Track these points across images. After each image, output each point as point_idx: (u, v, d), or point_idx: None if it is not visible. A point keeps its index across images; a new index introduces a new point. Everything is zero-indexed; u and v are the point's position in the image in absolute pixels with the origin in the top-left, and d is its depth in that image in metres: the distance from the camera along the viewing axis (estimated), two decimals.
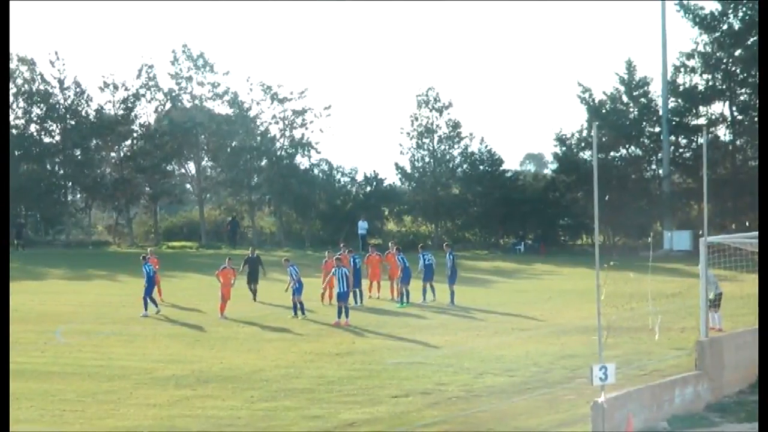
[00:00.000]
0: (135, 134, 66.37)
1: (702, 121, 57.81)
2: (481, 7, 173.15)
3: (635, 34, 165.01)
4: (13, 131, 62.99)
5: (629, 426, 15.71)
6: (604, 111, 58.78)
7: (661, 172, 58.36)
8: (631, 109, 59.16)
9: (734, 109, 57.07)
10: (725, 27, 56.46)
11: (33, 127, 65.64)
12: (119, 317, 32.54)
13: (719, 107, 57.86)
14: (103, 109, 65.42)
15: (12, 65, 63.64)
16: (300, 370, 23.06)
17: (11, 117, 63.52)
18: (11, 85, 63.76)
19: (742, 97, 56.64)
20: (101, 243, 65.05)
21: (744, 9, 55.53)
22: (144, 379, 22.17)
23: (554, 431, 17.39)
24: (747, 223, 50.39)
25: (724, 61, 56.81)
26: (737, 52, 55.84)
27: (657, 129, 58.35)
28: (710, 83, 57.28)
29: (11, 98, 63.78)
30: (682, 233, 54.88)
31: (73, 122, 64.82)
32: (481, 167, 62.04)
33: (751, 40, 53.53)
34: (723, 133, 58.42)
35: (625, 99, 59.28)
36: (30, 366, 23.74)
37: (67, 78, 64.58)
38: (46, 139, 66.07)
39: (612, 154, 59.17)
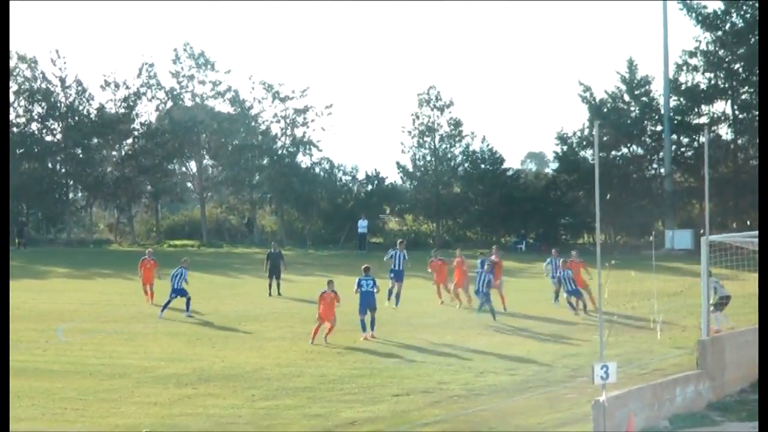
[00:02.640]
0: (136, 133, 66.40)
1: (704, 119, 57.77)
2: (482, 6, 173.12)
3: (637, 32, 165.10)
4: (15, 129, 63.04)
5: (630, 425, 15.70)
6: (605, 110, 58.75)
7: (662, 170, 58.31)
8: (633, 108, 59.12)
9: (736, 107, 57.02)
10: (728, 26, 56.41)
11: (34, 126, 65.72)
12: (120, 316, 32.54)
13: (721, 106, 57.89)
14: (105, 107, 65.50)
15: (12, 63, 63.63)
16: (301, 368, 23.05)
17: (12, 115, 63.58)
18: (12, 84, 63.78)
19: (744, 96, 56.57)
20: (103, 241, 65.08)
21: (746, 7, 55.48)
22: (145, 378, 22.17)
23: (555, 430, 17.38)
24: (748, 222, 50.38)
25: (727, 59, 56.75)
26: (740, 51, 55.77)
27: (659, 128, 58.30)
28: (712, 82, 57.21)
29: (12, 96, 63.80)
30: (683, 232, 54.84)
31: (74, 121, 64.84)
32: (483, 166, 62.03)
33: (754, 38, 53.46)
34: (725, 131, 58.43)
35: (626, 98, 59.25)
36: (31, 364, 23.75)
37: (68, 76, 64.73)
38: (48, 138, 66.13)
39: (613, 152, 59.10)
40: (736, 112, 57.09)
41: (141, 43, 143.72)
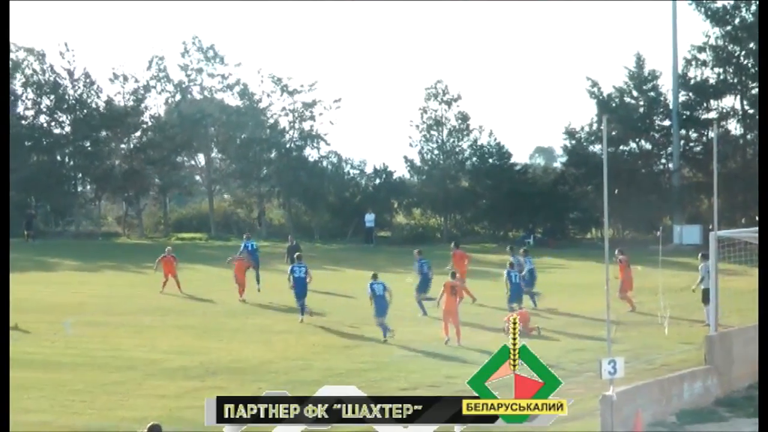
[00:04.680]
0: (145, 126, 66.37)
1: (713, 114, 57.62)
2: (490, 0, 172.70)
3: (645, 28, 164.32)
4: (23, 122, 63.12)
5: (638, 424, 15.66)
6: (613, 105, 58.64)
7: (671, 165, 58.19)
8: (641, 103, 59.00)
9: (745, 102, 56.85)
10: (737, 20, 56.23)
11: (43, 118, 65.64)
12: (128, 308, 32.58)
13: (730, 101, 57.68)
14: (113, 100, 65.42)
15: (20, 56, 63.70)
16: (308, 362, 23.08)
17: (20, 108, 63.67)
18: (20, 76, 63.83)
19: (753, 91, 56.30)
20: (111, 234, 65.14)
21: (756, 2, 55.30)
22: (152, 370, 22.22)
23: (562, 425, 17.35)
24: (757, 218, 50.21)
25: (736, 54, 56.58)
26: (749, 46, 55.61)
27: (667, 123, 58.18)
28: (721, 77, 57.02)
29: (20, 89, 63.90)
30: (691, 227, 54.72)
31: (82, 113, 64.85)
32: (490, 160, 61.96)
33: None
34: (734, 126, 58.27)
35: (634, 93, 59.12)
36: (39, 356, 23.82)
37: (76, 69, 64.66)
38: (56, 130, 66.06)
39: (621, 147, 58.98)
40: (745, 107, 56.90)
41: (149, 37, 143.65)
